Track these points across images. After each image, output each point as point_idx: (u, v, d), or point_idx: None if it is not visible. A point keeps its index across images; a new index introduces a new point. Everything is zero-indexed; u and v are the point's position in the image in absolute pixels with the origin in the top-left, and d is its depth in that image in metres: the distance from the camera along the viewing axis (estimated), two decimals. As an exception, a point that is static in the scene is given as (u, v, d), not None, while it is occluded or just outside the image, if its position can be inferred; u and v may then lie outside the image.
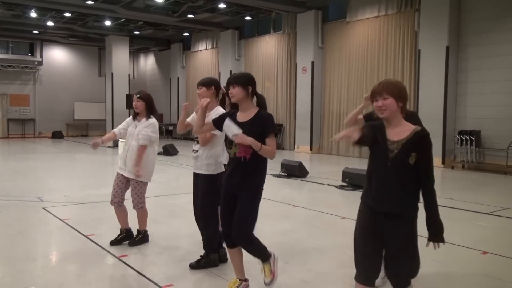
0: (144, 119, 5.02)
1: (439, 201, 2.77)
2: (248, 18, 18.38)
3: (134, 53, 27.45)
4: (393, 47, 14.05)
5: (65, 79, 25.06)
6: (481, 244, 5.23)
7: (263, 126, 3.48)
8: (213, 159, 4.29)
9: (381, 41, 14.38)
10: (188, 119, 4.59)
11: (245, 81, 3.57)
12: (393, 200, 2.71)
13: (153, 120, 5.02)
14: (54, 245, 5.30)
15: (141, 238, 5.12)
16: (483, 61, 12.10)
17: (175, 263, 4.53)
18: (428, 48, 12.75)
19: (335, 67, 16.04)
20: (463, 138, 12.07)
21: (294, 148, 17.17)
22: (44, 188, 8.94)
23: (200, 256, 4.44)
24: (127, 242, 5.09)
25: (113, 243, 5.05)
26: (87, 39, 23.51)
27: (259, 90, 3.75)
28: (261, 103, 3.65)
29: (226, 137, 3.60)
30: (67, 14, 18.12)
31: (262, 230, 5.60)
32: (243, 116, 3.57)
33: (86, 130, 25.66)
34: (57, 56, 25.12)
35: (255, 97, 3.65)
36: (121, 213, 5.12)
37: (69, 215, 6.52)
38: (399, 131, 2.72)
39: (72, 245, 5.14)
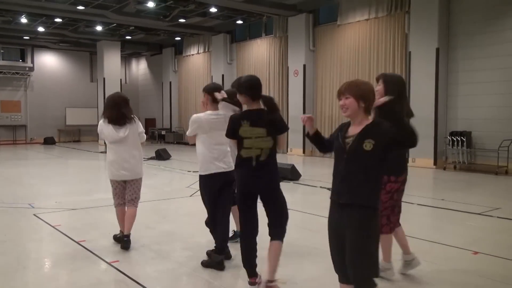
0: None
1: (431, 202, 2.81)
2: (239, 22, 18.41)
3: (126, 58, 27.40)
4: (383, 49, 14.13)
5: (56, 84, 24.95)
6: (472, 244, 5.26)
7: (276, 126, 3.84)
8: (200, 161, 4.43)
9: (372, 43, 14.45)
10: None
11: (246, 88, 3.77)
12: (352, 190, 2.77)
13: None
14: (45, 251, 5.27)
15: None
16: (473, 62, 12.20)
17: (167, 268, 4.51)
18: (418, 50, 12.84)
19: (326, 69, 16.10)
20: (454, 139, 12.14)
21: (287, 151, 17.19)
22: (35, 194, 8.88)
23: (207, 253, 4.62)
24: (120, 245, 5.13)
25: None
26: (79, 44, 23.44)
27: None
28: (266, 103, 3.79)
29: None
30: (58, 20, 18.05)
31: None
32: None
33: (78, 136, 25.54)
34: (49, 61, 25.01)
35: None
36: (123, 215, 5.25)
37: (60, 221, 6.48)
38: (360, 127, 2.82)
39: (63, 251, 5.11)
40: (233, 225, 4.97)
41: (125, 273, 4.35)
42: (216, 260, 4.39)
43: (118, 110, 5.13)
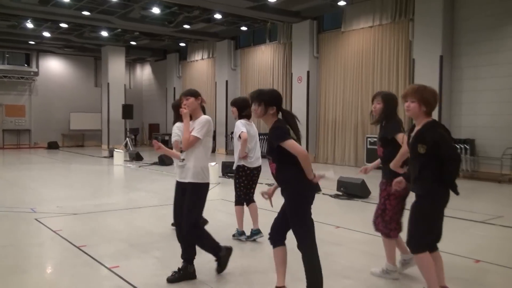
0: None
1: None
2: (243, 28, 18.46)
3: (131, 63, 27.50)
4: (387, 56, 14.12)
5: (61, 89, 25.06)
6: (475, 253, 5.23)
7: (271, 142, 3.50)
8: (200, 167, 4.26)
9: (375, 50, 14.46)
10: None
11: (268, 100, 3.47)
12: (413, 182, 3.49)
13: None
14: (46, 256, 5.26)
15: None
16: (477, 70, 12.17)
17: (167, 274, 4.48)
18: (422, 58, 12.82)
19: (330, 76, 16.10)
20: (458, 146, 12.09)
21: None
22: (37, 199, 8.89)
23: (178, 268, 4.34)
24: None
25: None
26: (83, 49, 23.55)
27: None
28: (287, 119, 3.53)
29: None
30: (63, 25, 18.15)
31: (256, 240, 5.57)
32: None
33: (82, 141, 25.61)
34: (53, 66, 25.14)
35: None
36: None
37: (62, 226, 6.48)
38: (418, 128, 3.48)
39: (63, 257, 5.10)
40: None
41: (125, 278, 4.34)
42: (191, 270, 4.37)
43: None
